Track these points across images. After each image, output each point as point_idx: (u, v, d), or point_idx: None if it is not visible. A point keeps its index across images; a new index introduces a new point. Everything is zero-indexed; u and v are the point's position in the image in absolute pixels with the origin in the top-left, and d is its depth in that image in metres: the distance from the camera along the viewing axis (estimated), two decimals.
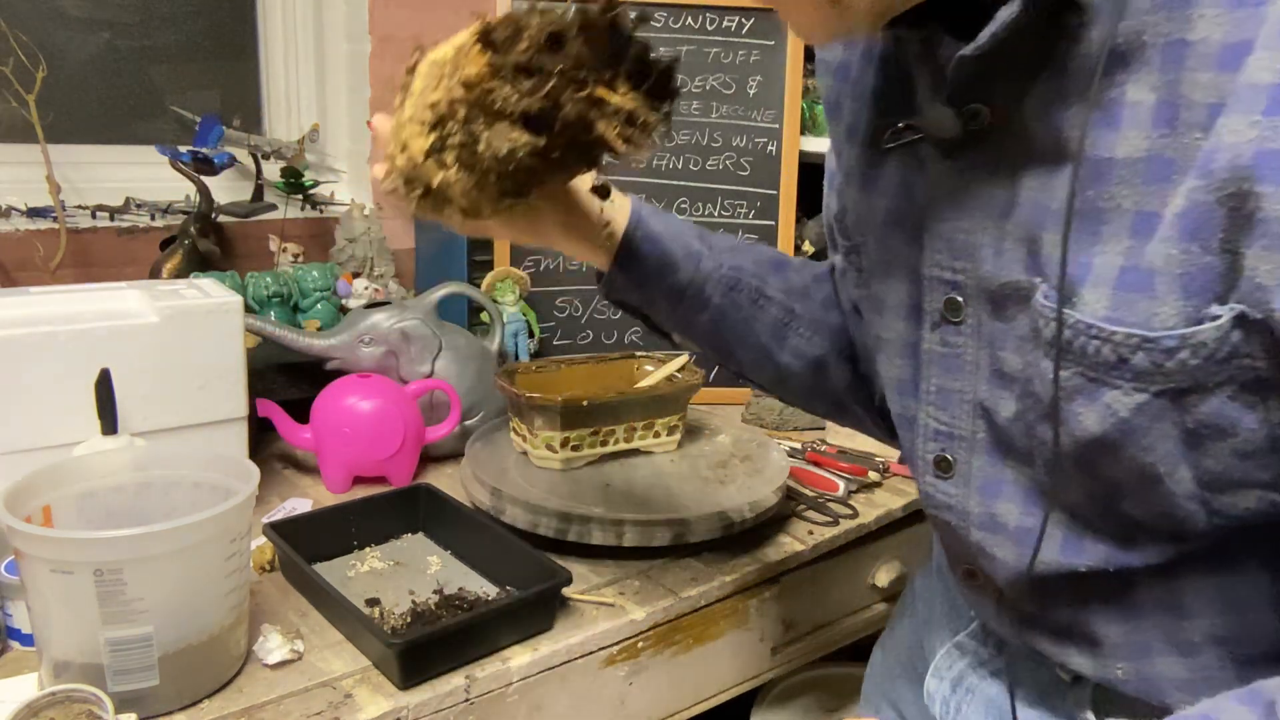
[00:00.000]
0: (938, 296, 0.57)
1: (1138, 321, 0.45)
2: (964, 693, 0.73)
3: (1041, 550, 0.56)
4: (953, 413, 0.59)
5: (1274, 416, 0.44)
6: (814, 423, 1.37)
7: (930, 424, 0.61)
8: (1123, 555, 0.54)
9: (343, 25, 1.75)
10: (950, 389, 0.59)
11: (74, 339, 0.88)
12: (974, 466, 0.59)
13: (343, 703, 0.73)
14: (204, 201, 1.50)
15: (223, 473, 0.80)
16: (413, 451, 1.11)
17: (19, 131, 1.44)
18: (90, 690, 0.65)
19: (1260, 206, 0.40)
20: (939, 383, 0.59)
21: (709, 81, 1.43)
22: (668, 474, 1.08)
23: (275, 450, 1.18)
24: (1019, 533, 0.57)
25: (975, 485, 0.59)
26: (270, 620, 0.81)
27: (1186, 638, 0.55)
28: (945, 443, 0.60)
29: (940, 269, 0.57)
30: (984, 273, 0.53)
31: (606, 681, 0.89)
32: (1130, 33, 0.44)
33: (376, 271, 1.66)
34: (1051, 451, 0.52)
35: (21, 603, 0.76)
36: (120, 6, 1.59)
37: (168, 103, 1.66)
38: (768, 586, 1.02)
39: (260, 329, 1.15)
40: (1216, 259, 0.42)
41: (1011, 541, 0.58)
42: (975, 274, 0.54)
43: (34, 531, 0.67)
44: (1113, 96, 0.45)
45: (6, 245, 1.41)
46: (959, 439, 0.59)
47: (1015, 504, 0.57)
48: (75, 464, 0.79)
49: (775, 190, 1.45)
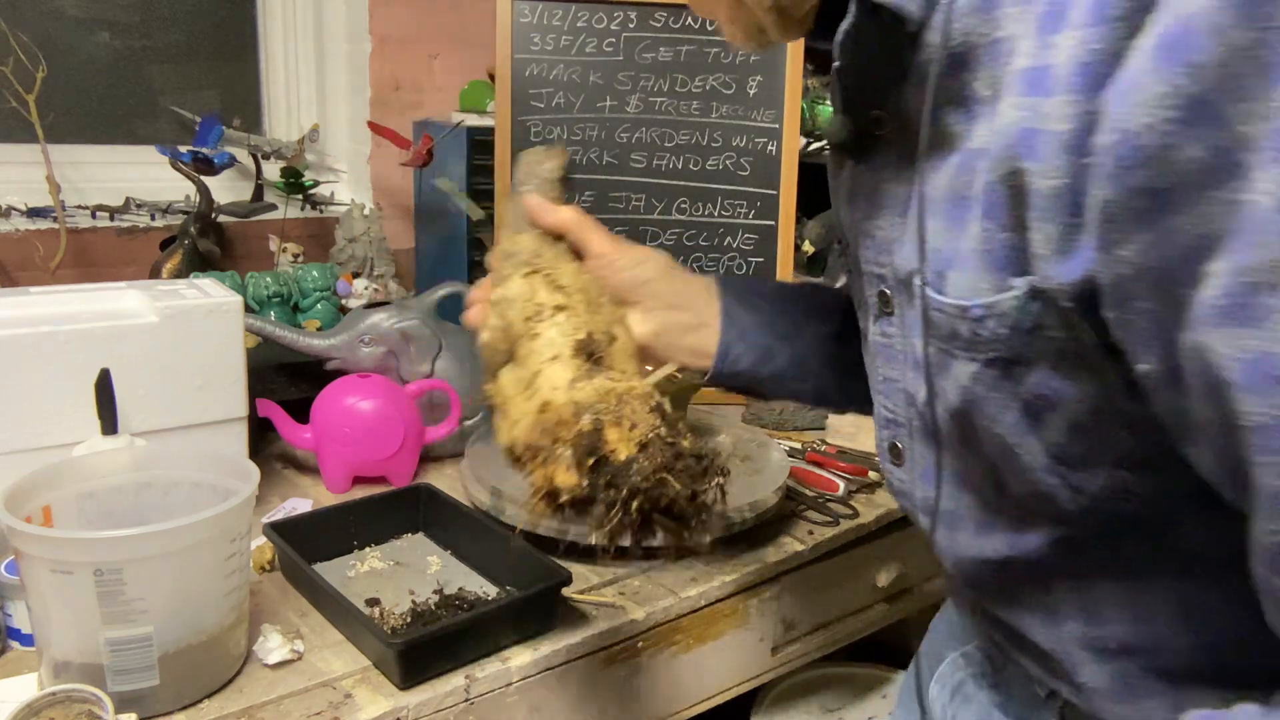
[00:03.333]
0: (873, 290, 0.60)
1: (961, 295, 0.48)
2: (961, 701, 0.73)
3: (958, 536, 0.58)
4: (895, 400, 0.61)
5: (1090, 390, 0.45)
6: (814, 422, 1.37)
7: (882, 413, 0.63)
8: (1021, 540, 0.55)
9: (343, 25, 1.75)
10: (891, 378, 0.60)
11: (74, 339, 0.88)
12: (915, 453, 0.60)
13: (343, 703, 0.73)
14: (204, 201, 1.50)
15: (223, 473, 0.80)
16: (413, 451, 1.11)
17: (19, 131, 1.44)
18: (90, 690, 0.65)
19: (1027, 182, 0.42)
20: (883, 373, 0.61)
21: (709, 81, 1.43)
22: None
23: (275, 450, 1.18)
24: (946, 516, 0.59)
25: (918, 471, 0.60)
26: (270, 620, 0.81)
27: (1103, 645, 0.55)
28: (894, 430, 0.62)
29: (870, 264, 0.60)
30: (897, 265, 0.56)
31: (606, 681, 0.89)
32: (961, 35, 0.47)
33: (376, 271, 1.66)
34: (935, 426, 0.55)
35: (21, 603, 0.76)
36: (120, 6, 1.59)
37: (167, 103, 1.66)
38: (768, 586, 1.02)
39: (260, 329, 1.15)
40: (1010, 235, 0.44)
41: (945, 526, 0.59)
42: (893, 267, 0.57)
43: (34, 531, 0.67)
44: (966, 93, 0.47)
45: (6, 245, 1.42)
46: (902, 426, 0.61)
47: (944, 488, 0.58)
48: (75, 464, 0.79)
49: (775, 190, 1.45)
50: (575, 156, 1.42)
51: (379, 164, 1.79)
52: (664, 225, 1.43)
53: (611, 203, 1.42)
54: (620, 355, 0.60)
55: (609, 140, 1.42)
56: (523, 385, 0.57)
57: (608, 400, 0.52)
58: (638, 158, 1.42)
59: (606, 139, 1.42)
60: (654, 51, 1.42)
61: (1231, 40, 0.34)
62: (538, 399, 0.55)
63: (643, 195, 1.42)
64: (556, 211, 0.69)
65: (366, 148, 1.78)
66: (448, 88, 1.80)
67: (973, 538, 0.58)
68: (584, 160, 1.42)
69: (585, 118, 1.41)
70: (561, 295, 0.61)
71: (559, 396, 0.54)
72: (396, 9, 1.73)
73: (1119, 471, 0.48)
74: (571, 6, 1.40)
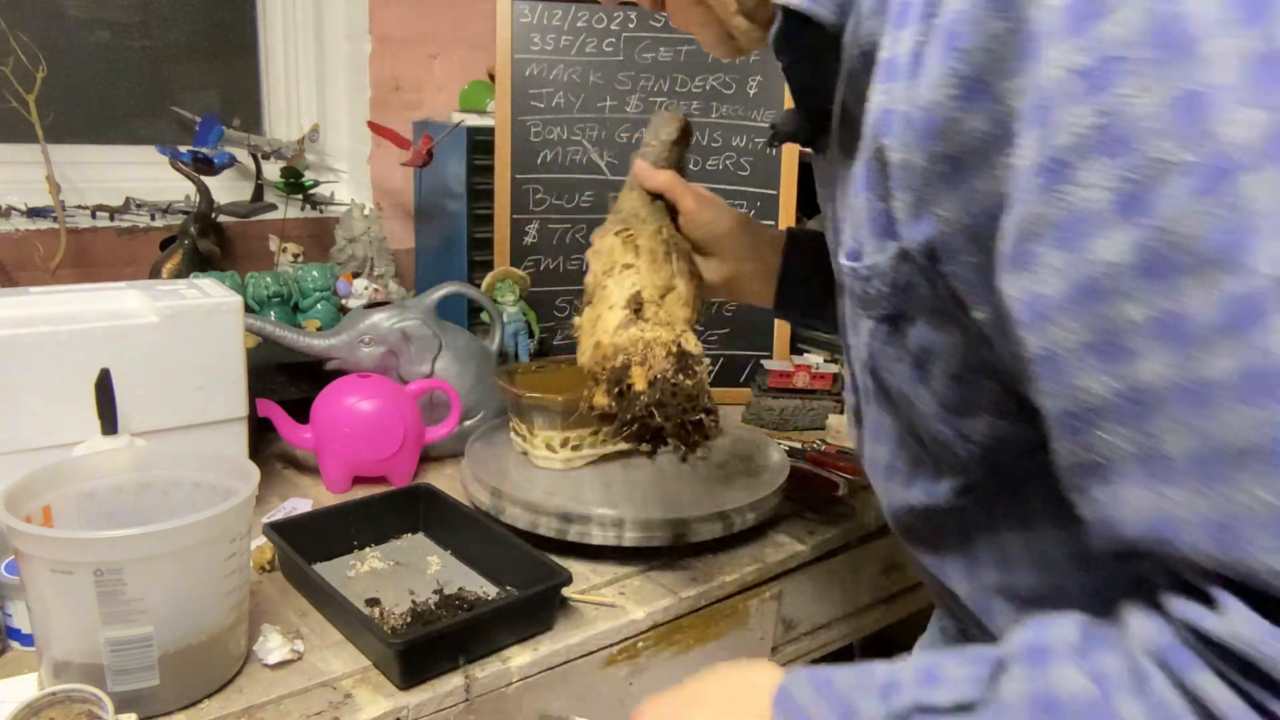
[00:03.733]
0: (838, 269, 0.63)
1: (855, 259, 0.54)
2: None
3: (893, 487, 0.63)
4: (853, 368, 0.65)
5: (957, 341, 0.49)
6: (814, 422, 1.37)
7: (847, 379, 0.68)
8: (937, 489, 0.58)
9: (343, 25, 1.75)
10: (850, 345, 0.64)
11: (74, 339, 0.88)
12: (867, 415, 0.64)
13: (343, 703, 0.73)
14: (204, 201, 1.50)
15: (223, 473, 0.80)
16: (413, 451, 1.11)
17: (19, 131, 1.44)
18: (90, 690, 0.65)
19: (888, 157, 0.47)
20: (847, 340, 0.65)
21: (709, 81, 1.43)
22: (668, 474, 1.08)
23: (275, 450, 1.18)
24: (884, 470, 0.63)
25: (868, 431, 0.65)
26: (270, 620, 0.81)
27: (1015, 593, 0.58)
28: (854, 395, 0.66)
29: (833, 244, 0.65)
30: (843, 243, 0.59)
31: (606, 681, 0.89)
32: (866, 36, 0.50)
33: (376, 271, 1.66)
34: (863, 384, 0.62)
35: (21, 603, 0.76)
36: (120, 6, 1.59)
37: (168, 103, 1.66)
38: (768, 586, 1.02)
39: (260, 329, 1.15)
40: (882, 204, 0.49)
41: (883, 479, 0.64)
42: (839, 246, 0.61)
43: (34, 531, 0.67)
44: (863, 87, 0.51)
45: (6, 245, 1.41)
46: (857, 390, 0.65)
47: (881, 444, 0.63)
48: (75, 464, 0.79)
49: (775, 190, 1.45)
50: (575, 156, 1.42)
51: (379, 164, 1.79)
52: None
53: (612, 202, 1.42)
54: (673, 304, 0.74)
55: (609, 140, 1.42)
56: (591, 324, 0.74)
57: (636, 346, 0.68)
58: None
59: (607, 139, 1.42)
60: (654, 51, 1.42)
61: (990, 29, 0.39)
62: (594, 337, 0.72)
63: None
64: (656, 175, 0.82)
65: (366, 148, 1.78)
66: (448, 88, 1.80)
67: (903, 489, 0.62)
68: (584, 160, 1.42)
69: (585, 118, 1.41)
70: (633, 254, 0.76)
71: (605, 339, 0.71)
72: (396, 9, 1.73)
73: (999, 420, 0.51)
74: (571, 6, 1.39)
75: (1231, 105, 0.33)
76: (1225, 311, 0.34)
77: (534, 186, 1.41)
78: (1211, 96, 0.33)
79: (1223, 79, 0.33)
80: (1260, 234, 0.33)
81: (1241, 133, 0.33)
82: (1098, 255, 0.37)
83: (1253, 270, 0.33)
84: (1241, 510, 0.35)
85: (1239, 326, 0.34)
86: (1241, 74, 0.33)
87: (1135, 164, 0.35)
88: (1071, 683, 0.40)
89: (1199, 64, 0.34)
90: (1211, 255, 0.34)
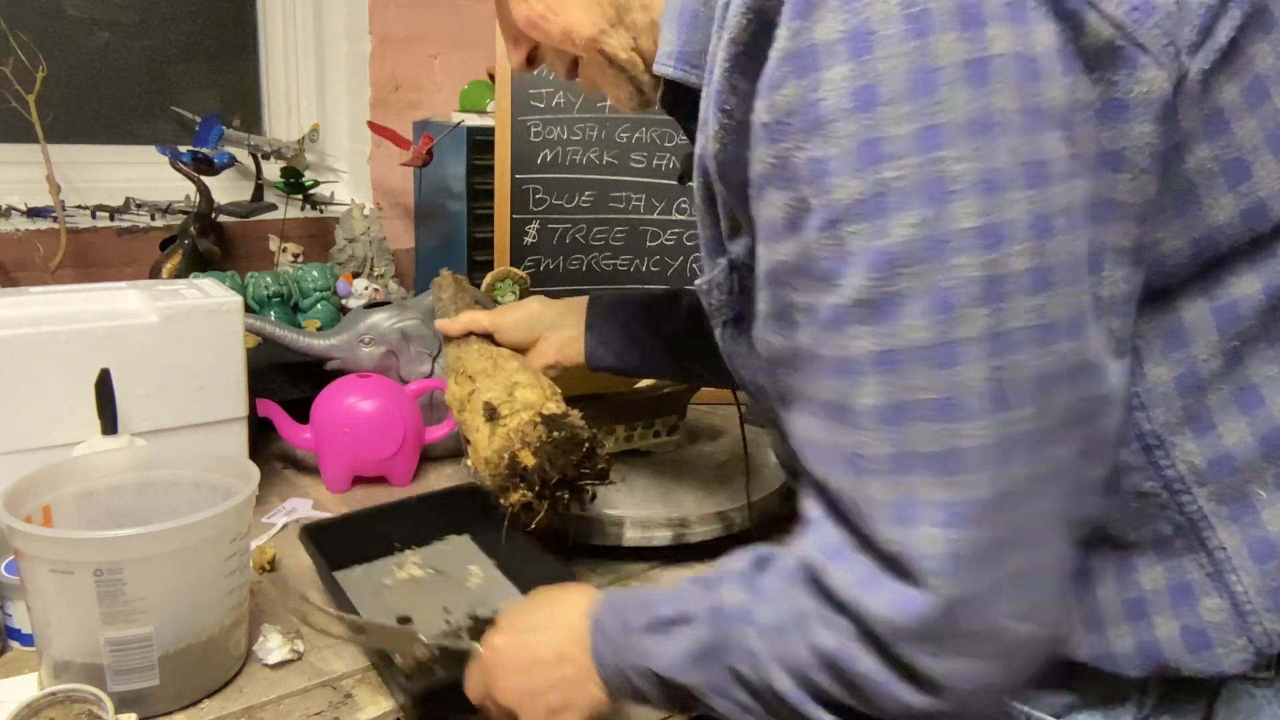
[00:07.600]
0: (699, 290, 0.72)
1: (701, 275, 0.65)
2: None
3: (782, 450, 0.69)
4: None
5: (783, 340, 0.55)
6: None
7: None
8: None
9: (343, 25, 1.75)
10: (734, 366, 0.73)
11: (74, 339, 0.88)
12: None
13: (343, 703, 0.73)
14: (204, 201, 1.50)
15: (223, 473, 0.80)
16: (413, 451, 1.11)
17: (19, 131, 1.44)
18: (90, 690, 0.65)
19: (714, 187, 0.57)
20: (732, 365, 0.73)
21: None
22: (668, 474, 1.08)
23: (275, 450, 1.18)
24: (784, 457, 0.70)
25: None
26: (270, 620, 0.81)
27: None
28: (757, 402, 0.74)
29: None
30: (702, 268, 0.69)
31: None
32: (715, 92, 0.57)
33: (376, 271, 1.66)
34: None
35: (21, 603, 0.76)
36: (120, 6, 1.59)
37: (168, 103, 1.66)
38: None
39: (260, 329, 1.15)
40: (713, 228, 0.61)
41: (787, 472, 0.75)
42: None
43: (34, 531, 0.67)
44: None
45: (6, 245, 1.42)
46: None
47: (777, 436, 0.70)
48: (75, 464, 0.79)
49: None
50: (575, 156, 1.42)
51: (379, 164, 1.79)
52: (664, 225, 1.43)
53: (612, 203, 1.42)
54: (523, 394, 0.82)
55: (609, 140, 1.42)
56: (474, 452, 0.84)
57: (510, 439, 0.78)
58: (638, 158, 1.42)
59: (606, 139, 1.42)
60: None
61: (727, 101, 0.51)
62: (479, 458, 0.82)
63: (643, 195, 1.42)
64: (454, 323, 0.94)
65: (366, 148, 1.78)
66: (448, 88, 1.80)
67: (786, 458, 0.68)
68: (584, 160, 1.42)
69: (585, 118, 1.41)
70: (469, 381, 0.87)
71: (487, 453, 0.80)
72: (396, 9, 1.73)
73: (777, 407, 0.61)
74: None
75: (842, 172, 0.45)
76: (831, 313, 0.47)
77: (534, 186, 1.41)
78: (828, 164, 0.45)
79: (838, 152, 0.45)
80: (854, 266, 0.45)
81: (846, 193, 0.45)
82: (777, 254, 0.50)
83: (843, 289, 0.46)
84: (848, 446, 0.48)
85: (835, 327, 0.47)
86: (849, 149, 0.45)
87: (794, 197, 0.47)
88: (732, 595, 0.56)
89: (824, 139, 0.45)
90: (823, 274, 0.47)
